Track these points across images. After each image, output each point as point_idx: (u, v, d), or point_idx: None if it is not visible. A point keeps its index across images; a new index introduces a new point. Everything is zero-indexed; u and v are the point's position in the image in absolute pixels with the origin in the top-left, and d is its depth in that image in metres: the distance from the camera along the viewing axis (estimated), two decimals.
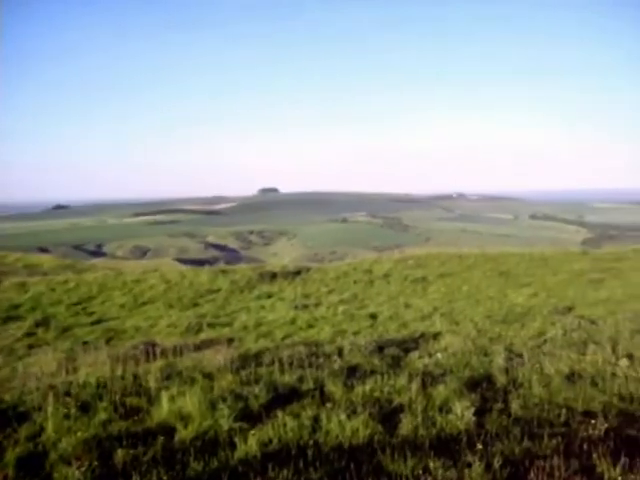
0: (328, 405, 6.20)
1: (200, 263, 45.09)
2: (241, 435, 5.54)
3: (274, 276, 23.59)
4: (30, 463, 5.35)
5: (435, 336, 11.02)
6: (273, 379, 7.34)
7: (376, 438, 5.45)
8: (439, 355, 8.53)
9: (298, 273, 24.29)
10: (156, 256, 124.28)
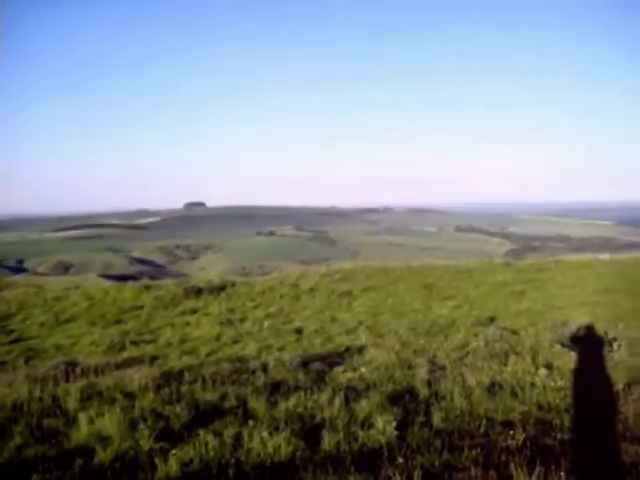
0: (251, 422, 6.04)
1: (125, 279, 43.86)
2: (161, 455, 5.31)
3: (199, 291, 23.12)
4: None
5: (360, 350, 11.01)
6: (195, 397, 7.11)
7: (298, 455, 5.32)
8: (363, 369, 8.51)
9: (224, 288, 23.90)
10: (80, 272, 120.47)
